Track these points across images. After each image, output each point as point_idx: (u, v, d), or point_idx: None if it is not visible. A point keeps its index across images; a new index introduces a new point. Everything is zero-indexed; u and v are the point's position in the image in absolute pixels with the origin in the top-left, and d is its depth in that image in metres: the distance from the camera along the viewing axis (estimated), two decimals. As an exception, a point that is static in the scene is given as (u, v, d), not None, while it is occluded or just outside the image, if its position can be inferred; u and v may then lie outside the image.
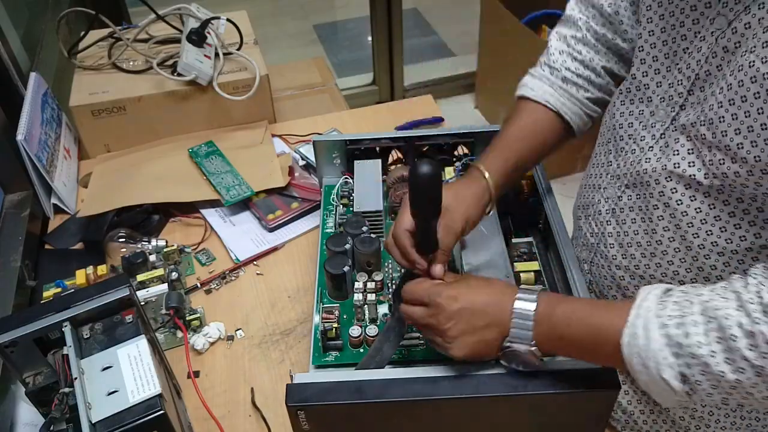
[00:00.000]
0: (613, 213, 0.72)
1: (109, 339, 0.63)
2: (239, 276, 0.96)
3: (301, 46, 3.06)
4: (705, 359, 0.51)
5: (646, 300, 0.55)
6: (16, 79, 1.11)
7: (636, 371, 0.54)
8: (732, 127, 0.56)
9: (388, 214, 0.91)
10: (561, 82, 0.77)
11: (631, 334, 0.54)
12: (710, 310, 0.52)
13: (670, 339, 0.52)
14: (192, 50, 1.13)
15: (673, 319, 0.53)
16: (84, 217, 1.02)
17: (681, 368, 0.52)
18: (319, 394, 0.61)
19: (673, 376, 0.52)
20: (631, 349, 0.54)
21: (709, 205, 0.61)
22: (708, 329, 0.51)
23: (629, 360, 0.54)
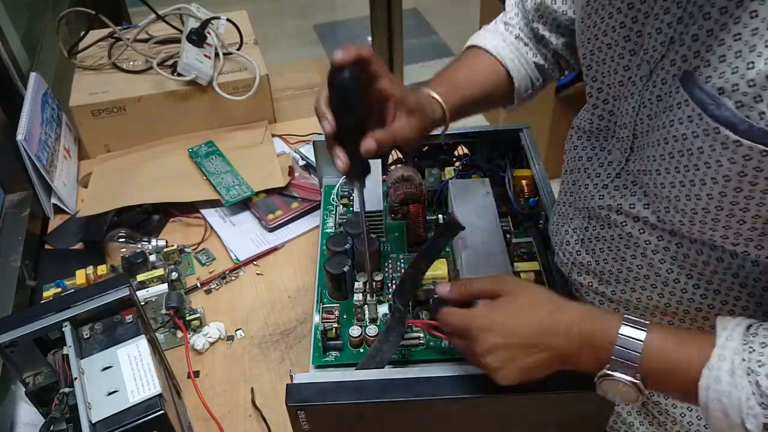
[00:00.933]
0: (582, 243, 0.71)
1: (109, 339, 0.63)
2: (239, 276, 0.96)
3: (301, 46, 3.06)
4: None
5: (731, 340, 0.51)
6: (16, 79, 1.11)
7: (712, 416, 0.51)
8: (667, 180, 0.55)
9: (388, 214, 0.91)
10: (514, 38, 0.79)
11: (712, 378, 0.50)
12: None
13: (759, 388, 0.49)
14: (192, 50, 1.13)
15: (765, 366, 0.49)
16: (84, 217, 1.02)
17: (767, 419, 0.49)
18: (319, 394, 0.61)
19: (757, 427, 0.49)
20: (709, 393, 0.51)
21: (664, 248, 0.61)
22: None
23: (706, 403, 0.51)
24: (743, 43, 0.46)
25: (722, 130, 0.48)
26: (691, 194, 0.53)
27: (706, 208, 0.53)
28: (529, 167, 0.91)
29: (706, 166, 0.51)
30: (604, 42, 0.61)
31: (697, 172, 0.52)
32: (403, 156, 0.98)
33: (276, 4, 3.37)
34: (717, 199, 0.52)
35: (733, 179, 0.49)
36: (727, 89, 0.47)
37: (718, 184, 0.51)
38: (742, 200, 0.50)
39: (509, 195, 0.88)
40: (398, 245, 0.87)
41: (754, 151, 0.47)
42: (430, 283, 0.78)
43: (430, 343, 0.74)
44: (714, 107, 0.48)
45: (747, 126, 0.47)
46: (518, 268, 0.79)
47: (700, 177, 0.52)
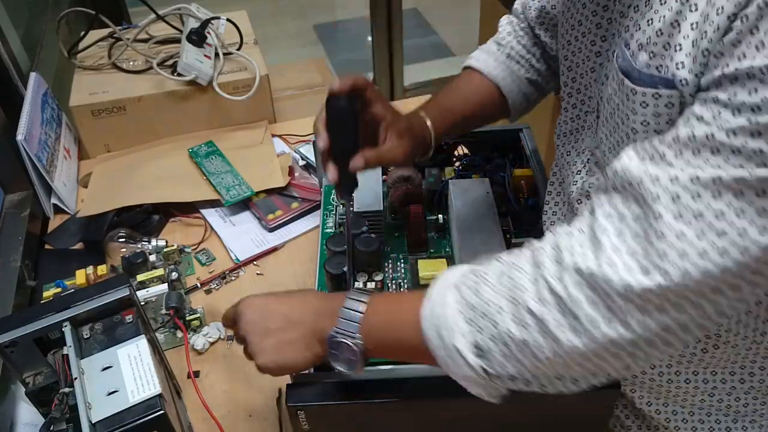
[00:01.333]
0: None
1: (109, 339, 0.63)
2: (239, 276, 0.96)
3: (301, 46, 3.06)
4: (493, 317, 0.49)
5: (448, 273, 0.54)
6: (16, 79, 1.11)
7: (433, 346, 0.52)
8: (607, 146, 0.58)
9: (389, 214, 0.91)
10: (505, 57, 0.83)
11: (428, 306, 0.53)
12: (505, 266, 0.50)
13: (463, 302, 0.50)
14: (192, 50, 1.13)
15: (469, 283, 0.51)
16: (84, 217, 1.02)
17: (473, 335, 0.49)
18: (319, 394, 0.61)
19: (466, 346, 0.50)
20: (427, 321, 0.52)
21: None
22: (499, 285, 0.50)
23: (426, 334, 0.52)
24: (659, 0, 0.49)
25: (625, 81, 0.51)
26: (617, 155, 0.54)
27: None
28: (529, 167, 0.91)
29: (622, 122, 0.54)
30: (580, 31, 0.65)
31: (618, 130, 0.55)
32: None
33: (276, 4, 3.37)
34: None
35: (639, 131, 0.52)
36: (644, 43, 0.50)
37: (630, 138, 0.53)
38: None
39: (509, 195, 0.88)
40: (398, 245, 0.87)
41: (648, 96, 0.49)
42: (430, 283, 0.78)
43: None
44: (621, 60, 0.52)
45: (637, 73, 0.50)
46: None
47: (621, 135, 0.55)
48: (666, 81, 0.48)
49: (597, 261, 0.45)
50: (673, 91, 0.48)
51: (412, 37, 2.99)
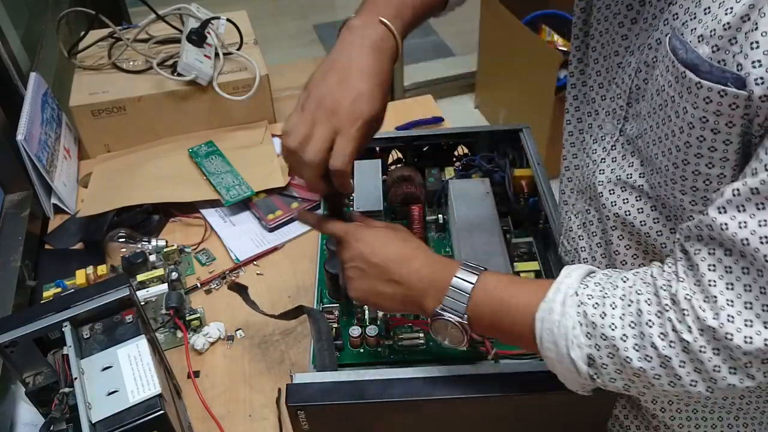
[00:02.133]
0: (584, 227, 0.72)
1: (109, 339, 0.63)
2: (239, 276, 0.96)
3: (301, 46, 3.06)
4: (615, 342, 0.50)
5: (568, 277, 0.54)
6: (16, 79, 1.11)
7: (545, 348, 0.53)
8: (651, 138, 0.57)
9: (389, 214, 0.91)
10: None
11: (547, 309, 0.53)
12: (632, 294, 0.51)
13: (585, 318, 0.52)
14: (192, 50, 1.13)
15: (593, 299, 0.52)
16: (84, 217, 1.02)
17: (590, 350, 0.51)
18: (319, 394, 0.61)
19: (581, 357, 0.52)
20: (543, 324, 0.53)
21: (654, 219, 0.61)
22: (625, 312, 0.51)
23: (540, 335, 0.53)
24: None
25: (687, 73, 0.50)
26: (665, 149, 0.54)
27: (675, 163, 0.54)
28: (529, 167, 0.91)
29: (676, 115, 0.52)
30: (610, 11, 0.63)
31: (669, 123, 0.53)
32: (403, 156, 0.98)
33: (276, 4, 3.36)
34: (683, 151, 0.52)
35: (696, 126, 0.50)
36: (706, 35, 0.49)
37: (683, 133, 0.52)
38: (705, 152, 0.51)
39: (509, 195, 0.88)
40: (398, 245, 0.87)
41: (713, 92, 0.48)
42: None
43: (430, 343, 0.74)
44: (683, 51, 0.50)
45: (707, 66, 0.48)
46: (518, 268, 0.79)
47: (671, 128, 0.53)
48: (737, 78, 0.47)
49: (715, 316, 0.47)
50: (741, 92, 0.47)
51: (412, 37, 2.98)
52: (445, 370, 0.63)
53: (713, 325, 0.46)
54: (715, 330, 0.46)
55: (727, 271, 0.47)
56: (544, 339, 0.53)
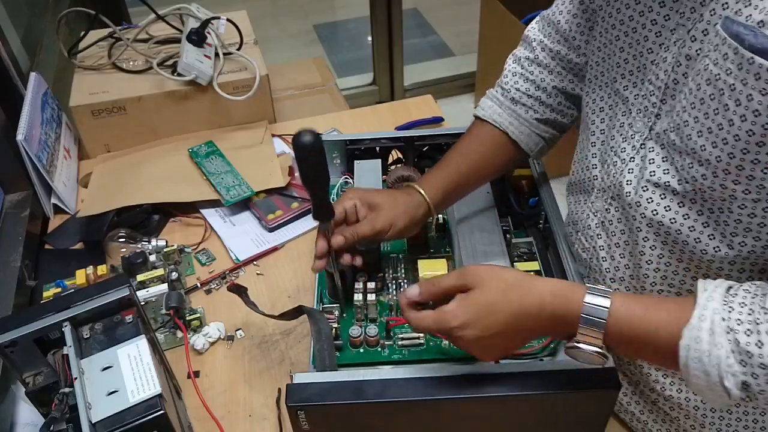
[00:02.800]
0: (603, 226, 0.72)
1: (109, 339, 0.63)
2: (239, 276, 0.96)
3: (301, 46, 3.06)
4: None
5: (711, 300, 0.52)
6: (16, 79, 1.11)
7: (692, 375, 0.52)
8: (695, 129, 0.56)
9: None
10: (510, 102, 0.81)
11: (692, 338, 0.51)
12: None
13: (738, 346, 0.50)
14: (192, 50, 1.13)
15: (743, 324, 0.50)
16: (84, 217, 1.02)
17: (745, 377, 0.50)
18: (319, 394, 0.61)
19: (735, 384, 0.50)
20: (690, 352, 0.52)
21: (684, 215, 0.61)
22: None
23: (685, 363, 0.52)
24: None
25: (756, 59, 0.49)
26: (718, 140, 0.54)
27: (732, 152, 0.53)
28: (529, 167, 0.91)
29: (736, 104, 0.51)
30: (636, 10, 0.64)
31: (726, 113, 0.53)
32: (403, 156, 0.98)
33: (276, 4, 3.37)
34: (744, 140, 0.52)
35: (763, 114, 0.50)
36: (767, 21, 0.49)
37: (746, 121, 0.51)
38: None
39: (509, 195, 0.88)
40: (398, 245, 0.87)
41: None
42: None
43: (430, 343, 0.74)
44: (751, 37, 0.50)
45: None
46: (518, 268, 0.79)
47: (729, 117, 0.52)
48: None
49: None
50: None
51: (412, 37, 2.99)
52: (445, 370, 0.63)
53: None
54: None
55: None
56: (690, 367, 0.52)
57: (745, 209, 0.56)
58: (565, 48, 0.78)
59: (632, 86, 0.67)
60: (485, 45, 2.44)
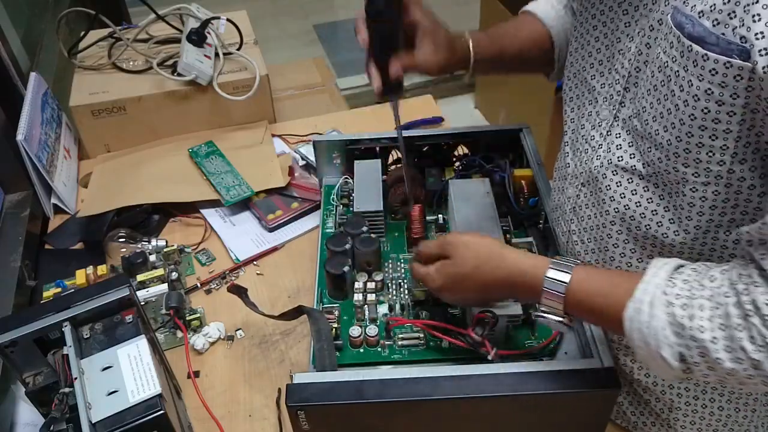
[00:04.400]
0: (575, 211, 0.75)
1: (109, 339, 0.63)
2: (239, 276, 0.96)
3: (301, 46, 3.06)
4: (705, 344, 0.52)
5: (656, 276, 0.56)
6: (16, 79, 1.11)
7: (636, 346, 0.56)
8: (651, 115, 0.59)
9: (389, 214, 0.91)
10: (562, 8, 0.84)
11: (635, 309, 0.55)
12: (720, 297, 0.52)
13: (673, 319, 0.53)
14: (192, 50, 1.13)
15: (681, 299, 0.53)
16: (84, 217, 1.02)
17: (680, 348, 0.53)
18: (319, 394, 0.61)
19: (672, 355, 0.53)
20: (632, 323, 0.55)
21: (648, 199, 0.64)
22: (713, 315, 0.52)
23: (630, 334, 0.55)
24: None
25: (694, 47, 0.52)
26: (668, 124, 0.57)
27: (679, 136, 0.56)
28: (529, 167, 0.91)
29: (680, 89, 0.54)
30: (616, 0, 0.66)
31: (673, 98, 0.55)
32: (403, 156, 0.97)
33: (276, 4, 3.36)
34: (688, 124, 0.54)
35: (701, 99, 0.53)
36: (706, 11, 0.51)
37: (688, 106, 0.54)
38: (710, 125, 0.53)
39: (509, 195, 0.88)
40: (398, 245, 0.87)
41: (719, 64, 0.50)
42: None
43: (430, 343, 0.74)
44: (690, 26, 0.53)
45: (714, 38, 0.50)
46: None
47: (675, 102, 0.55)
48: (742, 50, 0.49)
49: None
50: (746, 63, 0.49)
51: (412, 37, 2.98)
52: (445, 370, 0.63)
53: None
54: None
55: None
56: (634, 338, 0.55)
57: (696, 192, 0.58)
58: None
59: (599, 75, 0.69)
60: (485, 45, 2.44)
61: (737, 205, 0.58)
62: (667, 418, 0.76)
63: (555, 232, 0.81)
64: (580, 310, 0.60)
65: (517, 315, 0.71)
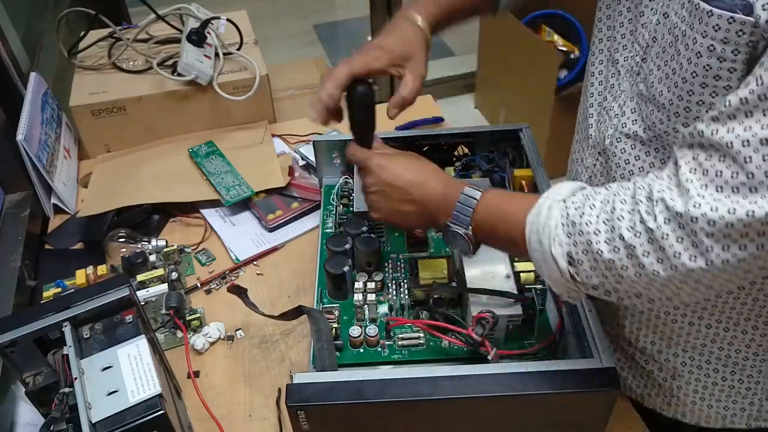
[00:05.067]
0: (590, 180, 0.77)
1: (109, 339, 0.63)
2: (239, 276, 0.96)
3: (301, 46, 3.06)
4: (589, 237, 0.55)
5: (559, 188, 0.59)
6: (16, 79, 1.11)
7: (532, 249, 0.59)
8: (657, 77, 0.61)
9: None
10: None
11: (535, 213, 0.58)
12: (611, 196, 0.56)
13: (567, 218, 0.56)
14: (192, 50, 1.13)
15: (576, 203, 0.57)
16: (84, 217, 1.02)
17: (569, 247, 0.56)
18: (319, 394, 0.61)
19: (561, 255, 0.56)
20: (531, 226, 0.58)
21: (650, 164, 0.66)
22: (601, 211, 0.55)
23: (528, 237, 0.59)
24: None
25: (701, 4, 0.53)
26: (671, 83, 0.59)
27: (680, 95, 0.58)
28: (529, 167, 0.91)
29: (685, 47, 0.56)
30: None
31: (678, 57, 0.57)
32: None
33: (276, 4, 3.37)
34: (689, 81, 0.56)
35: (704, 55, 0.54)
36: None
37: (691, 63, 0.55)
38: (710, 81, 0.55)
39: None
40: (398, 245, 0.87)
41: (723, 19, 0.51)
42: (430, 283, 0.78)
43: (430, 343, 0.74)
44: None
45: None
46: (518, 268, 0.79)
47: (680, 61, 0.57)
48: (745, 6, 0.50)
49: (684, 204, 0.50)
50: (749, 18, 0.50)
51: (412, 37, 2.98)
52: (445, 370, 0.63)
53: (681, 210, 0.50)
54: (682, 215, 0.49)
55: (705, 172, 0.50)
56: (531, 240, 0.58)
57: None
58: None
59: (623, 49, 0.71)
60: (485, 45, 2.44)
61: None
62: (670, 387, 0.77)
63: None
64: (484, 223, 0.64)
65: (517, 315, 0.71)
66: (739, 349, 0.71)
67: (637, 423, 0.78)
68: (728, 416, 0.77)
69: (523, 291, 0.75)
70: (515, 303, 0.71)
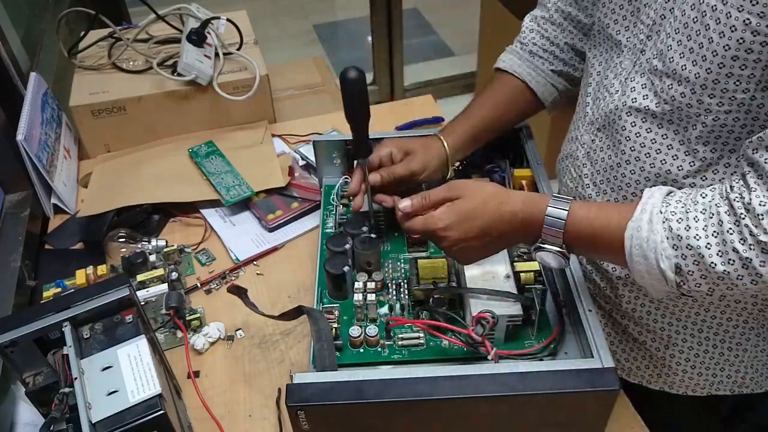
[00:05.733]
0: (588, 156, 0.79)
1: (109, 339, 0.63)
2: (239, 276, 0.96)
3: (301, 46, 3.06)
4: (701, 251, 0.57)
5: (651, 197, 0.61)
6: (16, 79, 1.11)
7: (634, 261, 0.60)
8: (677, 52, 0.63)
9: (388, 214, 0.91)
10: (528, 55, 0.91)
11: (635, 227, 0.60)
12: (712, 207, 0.58)
13: (671, 232, 0.58)
14: (192, 50, 1.13)
15: (676, 215, 0.59)
16: (84, 217, 1.02)
17: (677, 259, 0.58)
18: (319, 394, 0.61)
19: (669, 267, 0.58)
20: (632, 241, 0.60)
21: (663, 135, 0.68)
22: (707, 224, 0.57)
23: (629, 251, 0.60)
24: None
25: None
26: (698, 58, 0.61)
27: (709, 68, 0.60)
28: (529, 167, 0.91)
29: (716, 22, 0.58)
30: None
31: (707, 32, 0.59)
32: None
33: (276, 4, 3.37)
34: (721, 55, 0.58)
35: (738, 29, 0.56)
36: None
37: (724, 37, 0.58)
38: (742, 54, 0.57)
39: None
40: (398, 245, 0.87)
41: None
42: (430, 283, 0.78)
43: (430, 343, 0.74)
44: None
45: None
46: (518, 268, 0.79)
47: (709, 36, 0.59)
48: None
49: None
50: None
51: (412, 37, 2.99)
52: (445, 370, 0.63)
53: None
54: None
55: None
56: (633, 254, 0.60)
57: (717, 121, 0.63)
58: (575, 9, 0.86)
59: (624, 30, 0.73)
60: (485, 45, 2.44)
61: (753, 131, 0.62)
62: (662, 357, 0.80)
63: (564, 180, 0.87)
64: (580, 238, 0.64)
65: (517, 315, 0.71)
66: (730, 318, 0.74)
67: (637, 423, 0.78)
68: (715, 383, 0.80)
69: (523, 291, 0.74)
70: (515, 303, 0.71)
